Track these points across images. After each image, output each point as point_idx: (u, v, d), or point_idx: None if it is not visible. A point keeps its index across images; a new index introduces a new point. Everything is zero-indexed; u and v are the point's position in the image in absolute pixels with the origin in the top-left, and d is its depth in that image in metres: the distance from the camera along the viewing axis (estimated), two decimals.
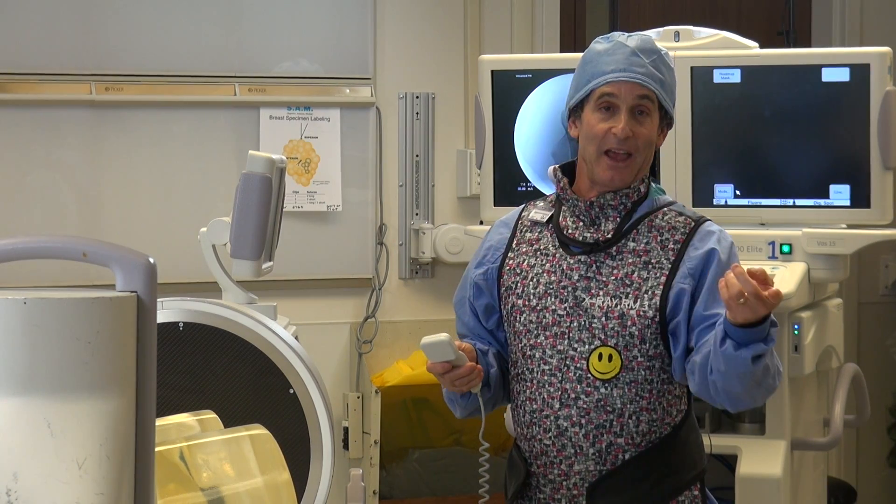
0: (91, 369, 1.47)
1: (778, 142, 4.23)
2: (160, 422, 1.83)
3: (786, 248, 4.18)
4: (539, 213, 3.03)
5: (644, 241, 2.92)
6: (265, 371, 2.76)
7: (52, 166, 4.92)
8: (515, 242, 3.03)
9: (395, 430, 5.24)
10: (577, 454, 2.91)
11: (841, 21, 5.69)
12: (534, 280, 2.96)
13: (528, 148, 4.40)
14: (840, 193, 4.18)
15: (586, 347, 2.90)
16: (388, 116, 5.25)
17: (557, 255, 2.96)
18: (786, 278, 4.05)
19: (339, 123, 5.18)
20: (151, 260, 1.53)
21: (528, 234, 3.02)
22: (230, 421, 2.15)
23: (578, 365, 2.90)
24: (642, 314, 2.88)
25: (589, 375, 2.90)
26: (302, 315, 4.65)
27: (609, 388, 2.89)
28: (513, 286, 2.99)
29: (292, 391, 2.76)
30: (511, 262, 3.01)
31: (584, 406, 2.90)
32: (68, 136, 4.93)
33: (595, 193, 2.95)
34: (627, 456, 2.90)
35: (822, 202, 4.20)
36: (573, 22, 5.53)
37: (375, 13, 5.21)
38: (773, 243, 4.20)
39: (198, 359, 2.76)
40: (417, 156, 5.28)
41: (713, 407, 3.44)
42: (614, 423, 2.89)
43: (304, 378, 2.76)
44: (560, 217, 2.99)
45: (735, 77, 4.24)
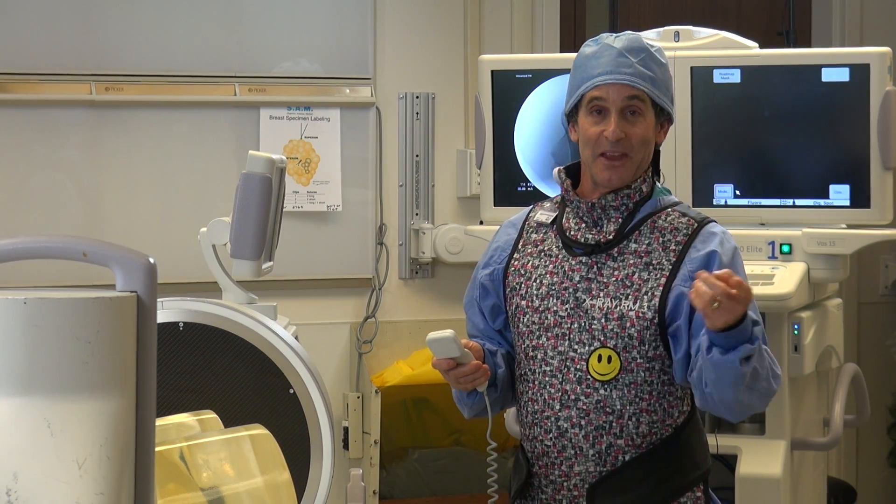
0: (91, 369, 1.47)
1: (778, 142, 4.23)
2: (160, 422, 1.83)
3: (786, 248, 4.18)
4: (544, 215, 3.03)
5: (646, 243, 2.92)
6: (265, 371, 2.76)
7: (52, 166, 4.91)
8: (521, 243, 3.03)
9: (395, 430, 5.24)
10: (577, 455, 2.90)
11: (841, 21, 5.69)
12: (537, 281, 2.96)
13: (528, 148, 4.40)
14: (840, 193, 4.18)
15: (586, 349, 2.90)
16: (388, 116, 5.25)
17: (560, 257, 2.96)
18: (786, 278, 4.05)
19: (339, 123, 5.18)
20: (151, 260, 1.53)
21: (534, 236, 3.02)
22: (230, 421, 2.15)
23: (578, 366, 2.90)
24: (641, 315, 2.87)
25: (589, 377, 2.89)
26: (302, 315, 4.65)
27: (608, 390, 2.89)
28: (517, 287, 2.99)
29: (292, 391, 2.76)
30: (516, 263, 3.01)
31: (584, 407, 2.89)
32: (68, 136, 4.92)
33: (598, 195, 2.95)
34: (628, 457, 2.89)
35: (822, 202, 4.19)
36: (573, 22, 5.53)
37: (375, 13, 5.21)
38: (773, 243, 4.20)
39: (198, 359, 2.76)
40: (417, 156, 5.27)
41: None
42: (614, 425, 2.88)
43: (304, 378, 2.76)
44: (563, 218, 2.99)
45: (735, 77, 4.24)
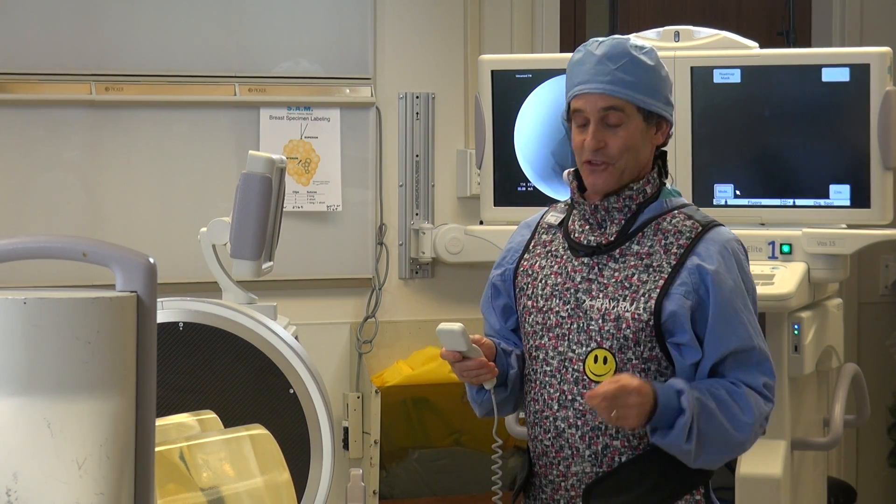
0: (91, 369, 1.47)
1: (778, 142, 4.23)
2: (160, 422, 1.83)
3: (786, 248, 4.18)
4: (554, 216, 3.04)
5: (648, 244, 2.91)
6: (265, 371, 2.76)
7: (52, 166, 4.91)
8: (532, 244, 3.04)
9: (395, 430, 5.24)
10: (574, 455, 2.90)
11: (841, 21, 5.69)
12: (542, 282, 2.97)
13: (528, 148, 4.40)
14: (840, 193, 4.18)
15: (583, 349, 2.90)
16: (388, 116, 5.25)
17: (565, 258, 2.97)
18: (786, 278, 4.05)
19: (339, 123, 5.18)
20: (151, 260, 1.53)
21: (544, 237, 3.03)
22: (230, 421, 2.15)
23: (576, 367, 2.90)
24: (637, 317, 2.87)
25: (585, 377, 2.89)
26: (302, 315, 4.65)
27: None
28: (525, 287, 3.00)
29: (292, 391, 2.76)
30: (525, 264, 3.02)
31: (581, 408, 2.89)
32: (68, 136, 4.92)
33: (601, 197, 2.95)
34: (624, 458, 2.89)
35: (823, 202, 4.19)
36: (573, 22, 5.53)
37: (375, 13, 5.21)
38: (773, 243, 4.20)
39: (198, 359, 2.76)
40: (417, 156, 5.27)
41: None
42: (610, 426, 2.88)
43: (304, 378, 2.77)
44: (570, 220, 3.00)
45: (735, 77, 4.24)
